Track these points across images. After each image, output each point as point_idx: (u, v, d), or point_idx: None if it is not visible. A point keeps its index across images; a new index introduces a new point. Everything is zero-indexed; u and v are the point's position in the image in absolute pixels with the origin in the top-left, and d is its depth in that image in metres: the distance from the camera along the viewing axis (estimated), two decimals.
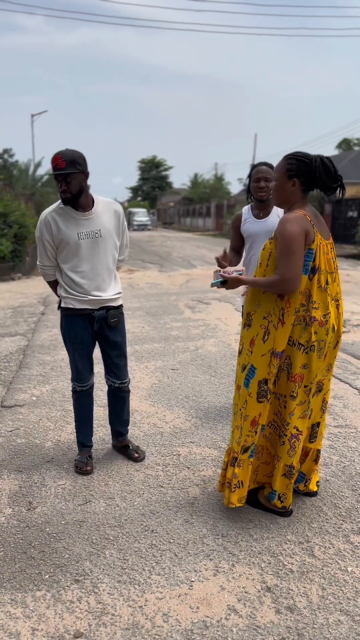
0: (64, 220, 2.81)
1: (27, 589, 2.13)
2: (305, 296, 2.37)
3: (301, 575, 2.18)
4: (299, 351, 2.40)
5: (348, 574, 2.19)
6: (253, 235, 3.44)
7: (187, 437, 3.48)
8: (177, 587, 2.12)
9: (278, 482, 2.54)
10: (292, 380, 2.43)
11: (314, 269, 2.35)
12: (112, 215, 2.93)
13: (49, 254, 2.89)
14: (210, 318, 7.28)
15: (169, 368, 5.01)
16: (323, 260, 2.37)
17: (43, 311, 7.89)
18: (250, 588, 2.11)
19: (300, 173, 2.35)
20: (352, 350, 5.56)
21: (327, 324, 2.39)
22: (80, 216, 2.82)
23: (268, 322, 2.42)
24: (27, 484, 2.92)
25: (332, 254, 2.45)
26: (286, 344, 2.41)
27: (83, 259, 2.85)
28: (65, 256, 2.86)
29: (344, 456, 3.20)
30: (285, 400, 2.48)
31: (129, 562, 2.27)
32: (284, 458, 2.51)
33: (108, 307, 2.96)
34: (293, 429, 2.48)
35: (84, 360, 3.02)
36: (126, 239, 3.08)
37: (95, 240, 2.85)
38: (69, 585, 2.14)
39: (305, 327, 2.37)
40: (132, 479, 2.95)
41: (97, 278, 2.89)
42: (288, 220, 2.31)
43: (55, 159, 2.68)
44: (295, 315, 2.38)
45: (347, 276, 11.63)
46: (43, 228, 2.83)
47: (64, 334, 3.02)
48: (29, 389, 4.42)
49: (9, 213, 12.64)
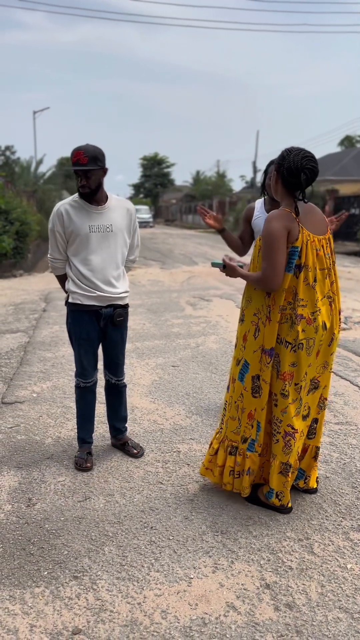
0: (76, 212, 2.84)
1: (26, 585, 2.12)
2: (291, 294, 2.36)
3: (300, 572, 2.18)
4: (287, 349, 2.39)
5: (347, 571, 2.18)
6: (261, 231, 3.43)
7: (187, 434, 3.47)
8: (176, 584, 2.12)
9: (275, 479, 2.53)
10: (281, 378, 2.43)
11: (299, 266, 2.33)
12: (125, 213, 2.96)
13: (59, 247, 2.92)
14: (212, 315, 7.26)
15: (170, 365, 5.00)
16: (311, 257, 2.34)
17: (44, 308, 7.89)
18: (249, 585, 2.11)
19: (278, 167, 2.35)
20: (354, 347, 5.55)
21: (316, 321, 2.37)
22: (94, 210, 2.86)
23: (258, 319, 2.45)
24: (27, 480, 2.92)
25: (326, 250, 2.41)
26: (275, 341, 2.40)
27: (92, 251, 2.87)
28: (75, 248, 2.88)
29: (344, 453, 3.19)
30: (277, 398, 2.47)
31: (128, 558, 2.27)
32: (279, 456, 2.51)
33: (115, 305, 2.97)
34: (287, 426, 2.47)
35: (90, 357, 3.02)
36: (137, 239, 3.10)
37: (106, 235, 2.88)
38: (68, 582, 2.13)
39: (292, 325, 2.37)
40: (131, 475, 2.95)
41: (105, 272, 2.91)
42: (270, 218, 2.32)
43: (77, 154, 2.71)
44: (282, 313, 2.38)
45: (348, 273, 11.60)
46: (56, 219, 2.86)
47: (69, 330, 3.02)
48: (29, 386, 4.42)
49: (11, 210, 12.63)
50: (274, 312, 2.38)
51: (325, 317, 2.42)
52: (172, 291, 9.44)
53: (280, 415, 2.47)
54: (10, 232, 12.13)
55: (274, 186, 2.44)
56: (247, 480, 2.60)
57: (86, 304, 2.91)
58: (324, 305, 2.41)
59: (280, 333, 2.40)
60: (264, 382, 2.47)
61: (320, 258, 2.38)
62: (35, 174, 27.42)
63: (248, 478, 2.60)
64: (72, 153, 2.75)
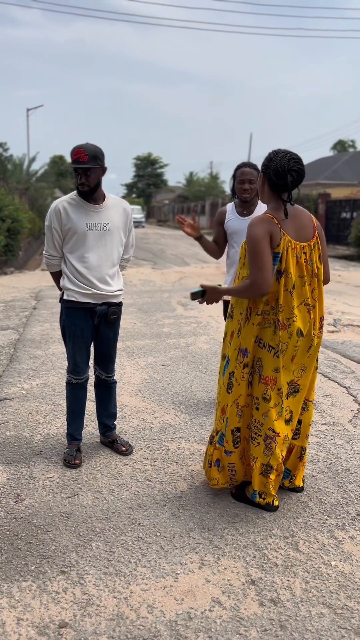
0: (74, 210, 2.86)
1: (13, 579, 2.13)
2: (274, 299, 2.39)
3: (285, 569, 2.21)
4: (270, 354, 2.43)
5: (331, 568, 2.21)
6: (235, 232, 3.57)
7: (176, 433, 3.49)
8: (163, 579, 2.14)
9: (256, 480, 2.57)
10: (263, 382, 2.47)
11: (279, 271, 2.36)
12: (122, 213, 2.99)
13: (56, 244, 2.93)
14: (202, 315, 7.30)
15: (160, 364, 5.02)
16: (292, 264, 2.36)
17: (35, 305, 7.88)
18: (234, 581, 2.13)
19: (265, 169, 2.37)
20: (342, 349, 5.60)
21: (291, 327, 2.40)
22: (91, 208, 2.88)
23: (241, 317, 2.48)
24: (15, 476, 2.92)
25: (308, 257, 2.41)
26: (252, 343, 2.44)
27: (89, 249, 2.90)
28: (72, 246, 2.90)
29: (331, 453, 3.23)
30: (258, 402, 2.51)
31: (115, 554, 2.29)
32: (260, 458, 2.55)
33: (110, 302, 2.99)
34: (268, 430, 2.51)
35: (83, 353, 3.04)
36: (132, 238, 3.14)
37: (103, 233, 2.91)
38: (55, 577, 2.15)
39: (275, 330, 2.40)
40: (120, 472, 2.97)
41: (101, 270, 2.93)
42: (252, 224, 2.35)
43: (78, 152, 2.74)
44: (265, 318, 2.41)
45: (338, 277, 11.69)
46: (53, 216, 2.88)
47: (63, 326, 3.04)
48: (19, 383, 4.41)
49: (2, 207, 12.58)
50: (253, 314, 2.42)
51: (301, 323, 2.43)
52: (163, 291, 9.47)
53: (261, 419, 2.51)
54: (1, 230, 12.08)
55: (260, 188, 2.46)
56: (216, 473, 2.66)
57: (81, 301, 2.93)
58: (301, 312, 2.43)
59: (263, 337, 2.43)
60: (235, 380, 2.52)
61: (300, 265, 2.39)
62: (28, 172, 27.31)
63: (217, 471, 2.66)
64: (72, 151, 2.76)
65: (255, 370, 2.49)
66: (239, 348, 2.49)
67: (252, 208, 3.53)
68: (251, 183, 3.43)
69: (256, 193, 3.50)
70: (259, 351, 2.46)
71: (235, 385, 2.53)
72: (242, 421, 2.58)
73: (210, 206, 39.21)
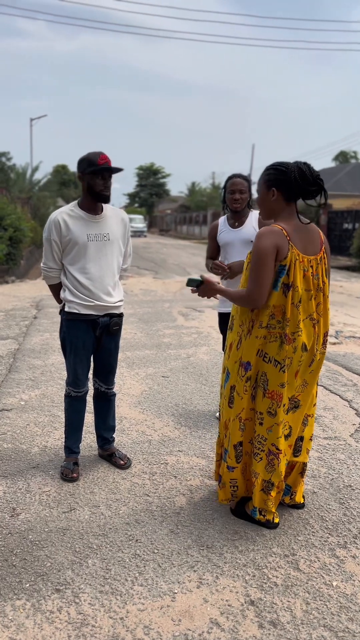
0: (74, 221, 2.84)
1: (7, 597, 2.09)
2: (280, 313, 2.35)
3: (285, 589, 2.15)
4: (276, 369, 2.38)
5: (333, 588, 2.16)
6: (228, 244, 3.59)
7: (175, 446, 3.45)
8: (160, 599, 2.09)
9: (257, 497, 2.53)
10: (268, 396, 2.42)
11: (287, 285, 2.32)
12: (120, 223, 2.99)
13: (55, 256, 2.90)
14: (203, 326, 7.26)
15: (160, 375, 4.98)
16: (299, 277, 2.33)
17: (35, 315, 7.85)
18: (233, 601, 2.08)
19: (278, 182, 2.35)
20: (344, 361, 5.56)
21: (295, 341, 2.37)
22: (91, 219, 2.87)
23: (241, 330, 2.44)
24: (12, 489, 2.88)
25: (315, 271, 2.38)
26: (254, 356, 2.41)
27: (90, 260, 2.87)
28: (72, 257, 2.88)
29: (332, 468, 3.18)
30: (262, 416, 2.46)
31: (112, 572, 2.24)
32: (262, 473, 2.50)
33: (111, 314, 2.97)
34: (271, 445, 2.46)
35: (84, 366, 3.01)
36: (130, 248, 3.13)
37: (104, 243, 2.89)
38: (50, 595, 2.10)
39: (281, 344, 2.36)
40: (118, 487, 2.92)
41: (103, 281, 2.91)
42: (261, 234, 2.31)
43: (104, 156, 2.77)
44: (269, 331, 2.37)
45: (340, 287, 11.67)
46: (52, 228, 2.85)
47: (64, 339, 3.00)
48: (17, 393, 4.38)
49: (5, 216, 12.61)
50: (255, 327, 2.38)
51: (306, 338, 2.39)
52: (164, 301, 9.44)
53: (265, 434, 2.46)
54: (3, 238, 12.10)
55: (270, 204, 2.40)
56: (218, 489, 2.64)
57: (83, 313, 2.90)
58: (307, 326, 2.40)
59: (268, 351, 2.39)
60: (237, 394, 2.48)
61: (307, 278, 2.36)
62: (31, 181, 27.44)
63: (219, 487, 2.64)
64: (95, 155, 2.76)
65: (260, 385, 2.44)
66: (240, 361, 2.45)
67: (243, 219, 3.56)
68: (242, 193, 3.47)
69: (247, 204, 3.51)
70: (263, 365, 2.41)
71: (237, 399, 2.49)
72: (245, 435, 2.53)
73: (212, 216, 39.28)
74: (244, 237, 3.50)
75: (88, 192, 2.83)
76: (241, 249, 3.50)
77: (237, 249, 3.52)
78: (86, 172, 2.77)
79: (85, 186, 2.82)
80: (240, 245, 3.51)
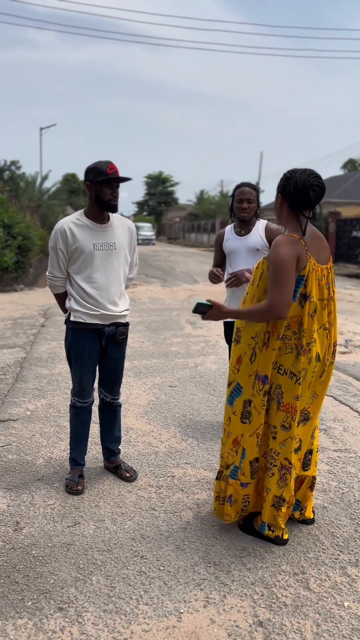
0: (80, 230, 2.82)
1: (8, 616, 2.03)
2: (296, 323, 2.29)
3: (295, 609, 2.08)
4: (291, 381, 2.32)
5: (344, 609, 2.09)
6: (234, 252, 3.56)
7: (182, 458, 3.39)
8: (165, 619, 2.02)
9: (267, 512, 2.46)
10: (283, 409, 2.35)
11: (304, 295, 2.27)
12: (126, 232, 2.96)
13: (61, 264, 2.88)
14: (211, 334, 7.21)
15: (167, 385, 4.93)
16: (315, 287, 2.28)
17: (43, 323, 7.84)
18: (241, 622, 2.01)
19: (282, 189, 2.31)
20: (354, 371, 5.48)
21: (310, 352, 2.31)
22: (97, 227, 2.84)
23: (255, 342, 2.37)
24: (16, 502, 2.83)
25: (326, 279, 2.34)
26: (271, 369, 2.34)
27: (97, 269, 2.85)
28: (79, 266, 2.85)
29: (343, 482, 3.11)
30: (276, 430, 2.39)
31: (116, 589, 2.18)
32: (273, 489, 2.43)
33: (117, 323, 2.93)
34: (284, 460, 2.40)
35: (89, 376, 2.97)
36: (136, 257, 3.10)
37: (110, 253, 2.87)
38: (52, 614, 2.04)
39: (297, 355, 2.29)
40: (123, 500, 2.86)
41: (108, 289, 2.88)
42: (280, 243, 2.24)
43: (112, 166, 2.75)
44: (284, 343, 2.31)
45: (349, 296, 11.57)
46: (58, 236, 2.83)
47: (69, 348, 2.96)
48: (23, 403, 4.34)
49: (14, 224, 12.67)
50: (273, 339, 2.31)
51: (319, 348, 2.34)
52: (172, 309, 9.40)
53: (278, 448, 2.40)
54: (12, 247, 12.15)
55: (278, 210, 2.38)
56: (229, 509, 2.52)
57: (89, 323, 2.87)
58: (320, 336, 2.34)
59: (283, 363, 2.32)
60: (254, 409, 2.40)
61: (321, 288, 2.32)
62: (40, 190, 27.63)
63: (229, 507, 2.52)
64: (104, 165, 2.73)
65: (273, 398, 2.37)
66: (256, 374, 2.37)
67: (250, 227, 3.54)
68: (249, 202, 3.45)
69: (254, 213, 3.48)
70: (278, 378, 2.35)
71: (255, 415, 2.40)
72: (260, 451, 2.47)
73: (220, 224, 39.27)
74: (250, 245, 3.47)
75: (95, 201, 2.80)
76: (246, 257, 3.47)
77: (242, 256, 3.48)
78: (95, 181, 2.74)
79: (93, 195, 2.79)
80: (245, 253, 3.48)
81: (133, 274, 3.12)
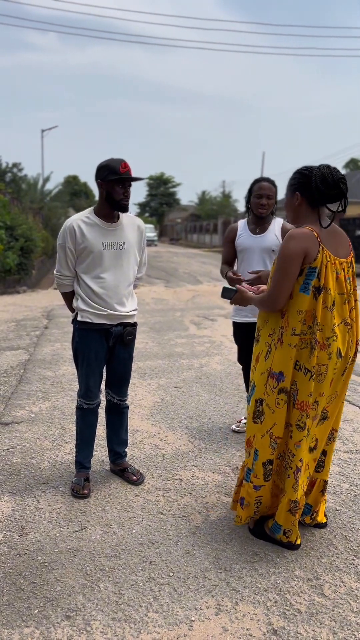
0: (90, 229, 2.76)
1: (15, 624, 1.97)
2: (311, 317, 2.23)
3: (310, 616, 2.02)
4: (306, 377, 2.25)
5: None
6: (247, 250, 3.41)
7: (189, 460, 3.32)
8: (176, 627, 1.96)
9: (283, 517, 2.39)
10: (298, 407, 2.28)
11: (318, 288, 2.21)
12: (136, 231, 2.90)
13: (69, 263, 2.82)
14: (216, 335, 7.14)
15: (173, 386, 4.87)
16: (331, 280, 2.22)
17: (46, 325, 7.79)
18: (254, 630, 1.95)
19: (301, 186, 2.25)
20: None
21: (330, 347, 2.24)
22: (107, 226, 2.78)
23: (271, 340, 2.32)
24: (21, 507, 2.77)
25: (347, 274, 2.29)
26: (288, 366, 2.27)
27: (106, 268, 2.79)
28: (87, 265, 2.79)
29: (355, 484, 3.04)
30: (292, 429, 2.33)
31: (125, 597, 2.12)
32: (289, 493, 2.36)
33: (125, 323, 2.87)
34: (299, 461, 2.33)
35: (96, 377, 2.91)
36: (145, 257, 3.04)
37: (119, 252, 2.81)
38: (60, 622, 1.98)
39: (312, 350, 2.23)
40: (130, 504, 2.80)
41: (117, 289, 2.82)
42: (290, 237, 2.20)
43: (125, 164, 2.69)
44: (300, 338, 2.24)
45: None
46: (67, 235, 2.76)
47: (76, 349, 2.90)
48: (27, 405, 4.29)
49: (16, 226, 12.64)
50: (287, 334, 2.25)
51: (341, 344, 2.27)
52: (176, 310, 9.35)
53: (293, 449, 2.33)
54: (14, 248, 12.12)
55: (295, 208, 2.30)
56: (241, 511, 2.47)
57: (96, 323, 2.81)
58: (341, 331, 2.28)
59: (299, 359, 2.26)
60: (267, 407, 2.33)
61: (339, 281, 2.25)
62: (42, 191, 27.61)
63: (241, 509, 2.47)
64: (117, 163, 2.66)
65: (291, 395, 2.32)
66: (270, 371, 2.31)
67: (265, 226, 3.41)
68: (269, 198, 3.31)
69: (272, 210, 3.38)
70: (295, 374, 2.28)
71: (267, 414, 2.33)
72: (276, 452, 2.40)
73: (222, 225, 39.25)
74: (265, 245, 3.35)
75: (106, 200, 2.73)
76: (261, 257, 3.35)
77: (256, 256, 3.36)
78: (106, 179, 2.67)
79: (104, 194, 2.72)
80: (260, 252, 3.35)
81: (142, 273, 3.06)
